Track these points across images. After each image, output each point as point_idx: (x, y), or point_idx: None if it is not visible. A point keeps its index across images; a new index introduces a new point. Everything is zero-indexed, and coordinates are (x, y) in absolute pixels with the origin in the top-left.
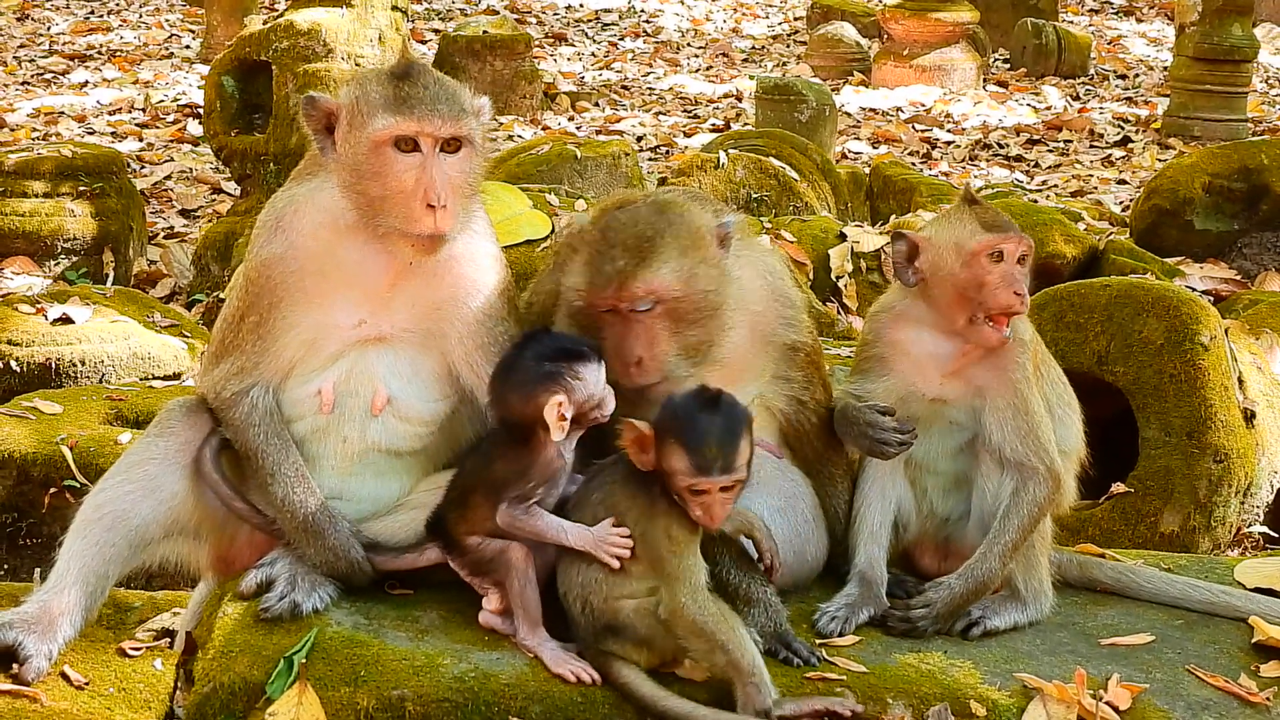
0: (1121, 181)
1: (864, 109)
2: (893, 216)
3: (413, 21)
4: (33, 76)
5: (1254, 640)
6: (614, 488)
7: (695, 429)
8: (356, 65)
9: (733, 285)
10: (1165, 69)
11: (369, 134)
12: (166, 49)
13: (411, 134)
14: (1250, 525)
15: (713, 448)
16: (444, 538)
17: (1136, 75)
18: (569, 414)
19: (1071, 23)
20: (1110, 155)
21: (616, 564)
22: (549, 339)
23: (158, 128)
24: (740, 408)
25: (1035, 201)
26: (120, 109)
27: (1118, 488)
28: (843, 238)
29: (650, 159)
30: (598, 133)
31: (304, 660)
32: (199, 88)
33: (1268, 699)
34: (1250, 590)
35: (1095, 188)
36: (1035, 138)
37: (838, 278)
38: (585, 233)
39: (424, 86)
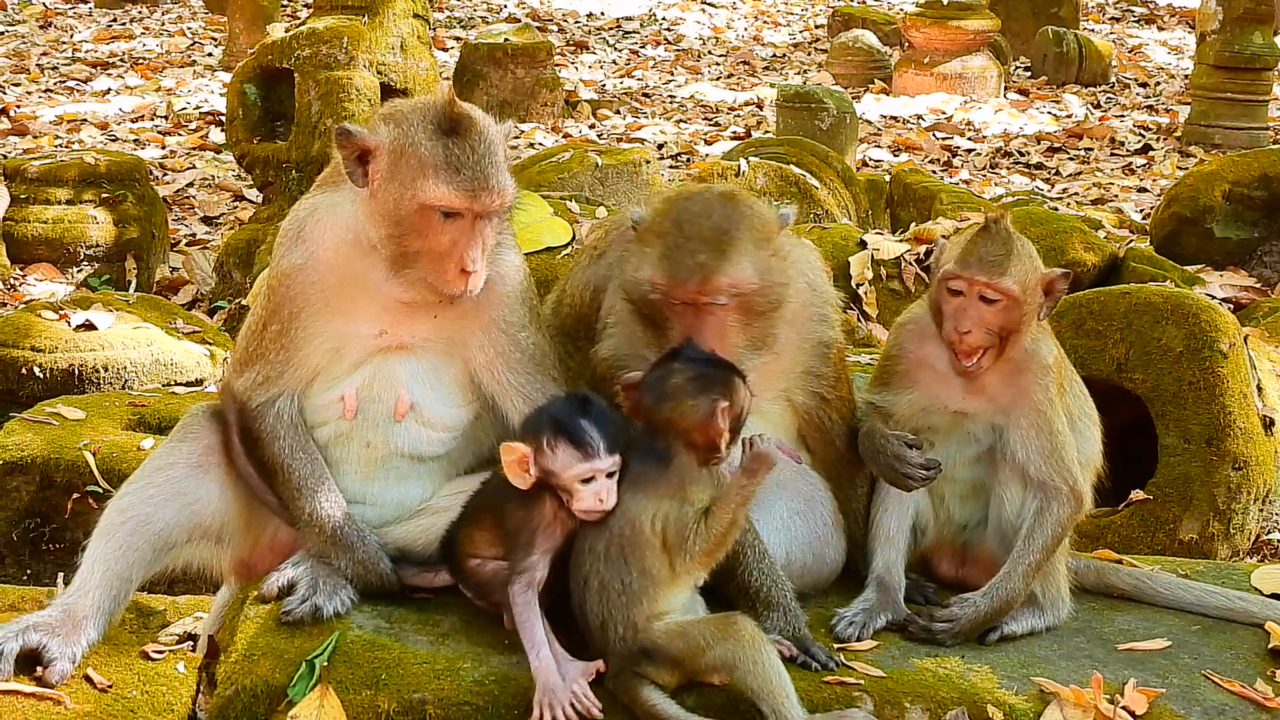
0: (1142, 189)
1: (884, 116)
2: (913, 224)
3: (434, 29)
4: (55, 84)
5: (1270, 646)
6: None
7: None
8: (379, 73)
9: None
10: (1186, 77)
11: (417, 195)
12: (189, 56)
13: (463, 209)
14: (1269, 532)
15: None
16: (451, 561)
17: (1157, 83)
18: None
19: (1093, 31)
20: (1131, 163)
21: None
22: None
23: (180, 135)
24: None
25: (1056, 209)
26: (143, 116)
27: (1137, 495)
28: (863, 245)
29: (671, 166)
30: (619, 140)
31: (325, 663)
32: (221, 95)
33: None
34: (1267, 596)
35: (1116, 195)
36: (1056, 145)
37: (858, 285)
38: (654, 224)
39: (472, 149)
